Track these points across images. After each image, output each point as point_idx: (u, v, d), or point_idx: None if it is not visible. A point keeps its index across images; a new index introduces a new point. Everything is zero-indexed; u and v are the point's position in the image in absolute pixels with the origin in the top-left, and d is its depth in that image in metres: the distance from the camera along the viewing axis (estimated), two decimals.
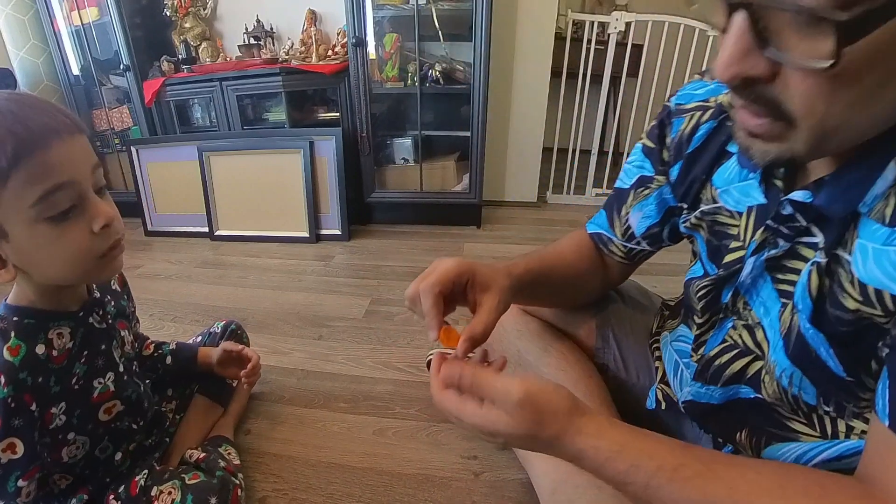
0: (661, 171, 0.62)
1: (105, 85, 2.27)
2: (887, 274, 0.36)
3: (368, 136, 2.03)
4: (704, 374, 0.57)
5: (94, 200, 0.56)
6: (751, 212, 0.50)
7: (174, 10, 2.14)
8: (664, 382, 0.66)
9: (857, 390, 0.44)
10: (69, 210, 0.54)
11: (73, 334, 0.64)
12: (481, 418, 0.44)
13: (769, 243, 0.47)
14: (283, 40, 2.21)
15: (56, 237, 0.54)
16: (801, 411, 0.49)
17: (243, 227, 2.08)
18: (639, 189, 0.65)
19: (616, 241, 0.69)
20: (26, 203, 0.51)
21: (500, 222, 2.24)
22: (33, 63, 2.14)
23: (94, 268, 0.59)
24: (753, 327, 0.52)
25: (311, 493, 0.85)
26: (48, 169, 0.51)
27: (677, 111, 0.59)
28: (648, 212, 0.65)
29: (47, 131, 0.51)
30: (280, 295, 1.59)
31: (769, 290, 0.48)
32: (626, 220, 0.67)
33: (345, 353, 1.25)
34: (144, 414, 0.78)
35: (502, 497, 0.84)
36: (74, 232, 0.55)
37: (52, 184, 0.51)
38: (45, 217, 0.52)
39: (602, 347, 0.75)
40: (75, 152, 0.54)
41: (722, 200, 0.54)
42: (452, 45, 2.07)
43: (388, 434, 0.98)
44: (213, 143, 2.04)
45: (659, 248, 0.69)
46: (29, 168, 0.50)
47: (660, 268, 1.77)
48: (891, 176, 0.36)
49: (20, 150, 0.49)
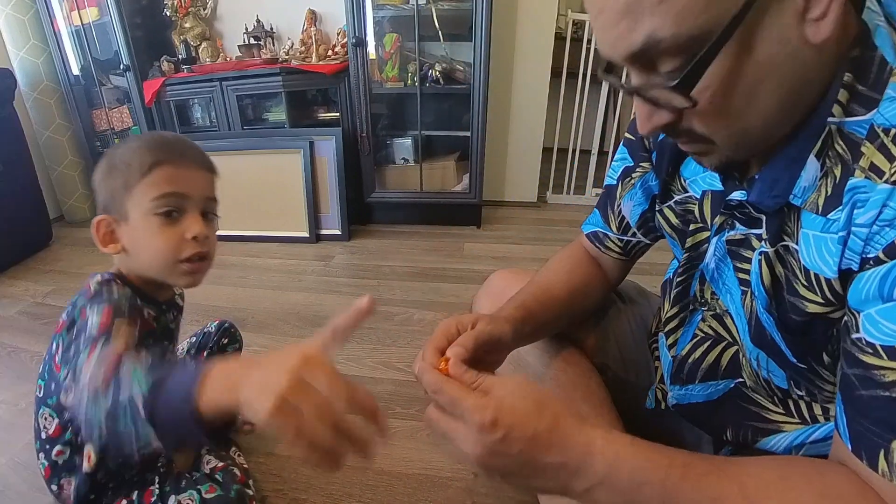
0: (643, 157, 0.63)
1: (105, 85, 2.27)
2: (823, 260, 0.38)
3: (368, 136, 2.03)
4: (680, 375, 0.57)
5: (197, 217, 0.68)
6: (706, 195, 0.53)
7: (174, 10, 2.14)
8: (663, 382, 0.66)
9: (813, 378, 0.45)
10: (173, 213, 0.66)
11: (156, 319, 0.74)
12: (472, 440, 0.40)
13: (728, 224, 0.49)
14: (283, 40, 2.21)
15: (158, 231, 0.66)
16: (776, 397, 0.50)
17: (243, 227, 2.08)
18: (625, 180, 0.66)
19: (612, 237, 0.69)
20: (150, 196, 0.65)
21: (500, 222, 2.24)
22: (33, 63, 2.13)
23: (176, 270, 0.68)
24: (722, 315, 0.53)
25: (311, 493, 0.85)
26: (174, 178, 0.66)
27: None
28: (638, 199, 0.65)
29: (187, 157, 0.68)
30: (280, 295, 1.59)
31: (732, 277, 0.50)
32: (620, 211, 0.67)
33: (345, 353, 1.25)
34: None
35: (502, 497, 0.84)
36: (172, 232, 0.66)
37: (171, 189, 0.65)
38: (157, 212, 0.65)
39: (602, 347, 0.75)
40: (199, 179, 0.69)
41: (692, 190, 0.56)
42: (452, 45, 2.07)
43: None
44: (212, 143, 2.04)
45: (654, 240, 0.69)
46: (161, 173, 0.65)
47: (660, 268, 1.76)
48: (812, 168, 0.39)
49: (163, 158, 0.65)
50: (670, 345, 0.60)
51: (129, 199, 0.65)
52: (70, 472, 0.70)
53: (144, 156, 0.65)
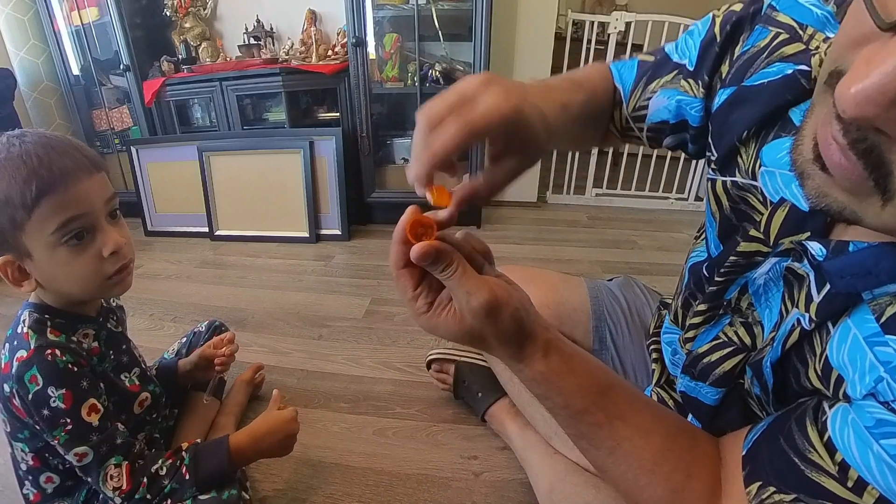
0: (706, 83, 0.50)
1: (105, 85, 2.27)
2: (856, 370, 0.32)
3: (368, 136, 2.03)
4: (692, 370, 0.55)
5: (106, 229, 0.64)
6: (783, 205, 0.41)
7: (174, 10, 2.14)
8: (659, 385, 0.66)
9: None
10: (83, 237, 0.62)
11: (97, 336, 0.71)
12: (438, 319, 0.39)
13: (795, 252, 0.40)
14: (283, 40, 2.21)
15: (71, 260, 0.62)
16: (765, 412, 0.48)
17: (243, 227, 2.08)
18: (679, 74, 0.53)
19: (623, 110, 0.59)
20: (47, 231, 0.59)
21: (500, 222, 2.24)
22: (33, 63, 2.14)
23: (105, 287, 0.66)
24: (753, 325, 0.48)
25: (311, 493, 0.85)
26: (66, 204, 0.59)
27: (767, 17, 0.45)
28: (671, 105, 0.54)
29: (67, 173, 0.59)
30: (280, 295, 1.59)
31: (777, 300, 0.43)
32: (649, 98, 0.56)
33: (345, 353, 1.26)
34: (162, 409, 0.83)
35: (502, 497, 0.84)
36: (87, 256, 0.63)
37: (68, 216, 0.60)
38: (62, 242, 0.60)
39: (599, 349, 0.75)
40: (91, 189, 0.62)
41: (762, 181, 0.44)
42: (452, 45, 2.07)
43: (388, 434, 0.98)
44: (213, 143, 2.04)
45: (653, 148, 0.61)
46: (50, 203, 0.58)
47: (659, 268, 1.77)
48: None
49: (43, 189, 0.58)
50: (688, 338, 0.55)
51: (23, 236, 0.59)
52: (64, 496, 0.70)
53: (23, 189, 0.57)
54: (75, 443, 0.62)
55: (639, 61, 0.58)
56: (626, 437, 0.42)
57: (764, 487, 0.36)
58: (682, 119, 0.54)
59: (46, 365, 0.61)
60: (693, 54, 0.52)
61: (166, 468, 0.67)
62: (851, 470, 0.31)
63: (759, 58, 0.45)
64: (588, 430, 0.42)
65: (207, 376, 0.93)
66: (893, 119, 0.23)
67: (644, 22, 2.14)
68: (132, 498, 0.63)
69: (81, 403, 0.62)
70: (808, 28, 0.42)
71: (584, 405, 0.42)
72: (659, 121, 0.56)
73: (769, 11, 0.45)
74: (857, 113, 0.23)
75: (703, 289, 0.52)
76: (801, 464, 0.34)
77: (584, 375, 0.42)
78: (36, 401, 0.60)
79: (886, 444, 0.29)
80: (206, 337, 1.02)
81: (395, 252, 0.39)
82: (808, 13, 0.42)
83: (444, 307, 0.40)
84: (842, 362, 0.34)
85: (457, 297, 0.38)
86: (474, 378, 0.98)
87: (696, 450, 0.43)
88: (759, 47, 0.45)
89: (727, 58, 0.49)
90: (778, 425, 0.38)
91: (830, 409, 0.34)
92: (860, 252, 0.33)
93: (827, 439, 0.33)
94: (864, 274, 0.32)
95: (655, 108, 0.55)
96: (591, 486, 0.63)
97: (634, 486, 0.42)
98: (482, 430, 0.98)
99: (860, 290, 0.33)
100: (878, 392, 0.30)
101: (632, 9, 2.34)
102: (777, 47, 0.43)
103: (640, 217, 2.36)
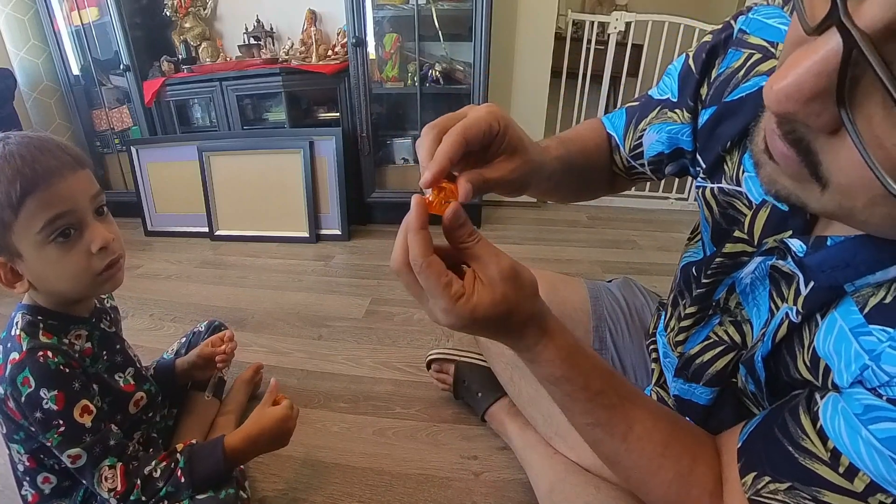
0: (690, 107, 0.54)
1: (105, 85, 2.27)
2: (841, 359, 0.34)
3: (368, 136, 2.03)
4: (685, 372, 0.56)
5: (93, 225, 0.64)
6: (765, 206, 0.43)
7: (174, 10, 2.14)
8: (659, 385, 0.66)
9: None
10: (70, 234, 0.62)
11: (89, 337, 0.71)
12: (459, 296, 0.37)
13: (778, 253, 0.42)
14: (283, 40, 2.21)
15: (61, 257, 0.62)
16: (760, 407, 0.49)
17: (243, 227, 2.08)
18: (663, 109, 0.57)
19: (622, 153, 0.64)
20: (34, 230, 0.60)
21: (500, 222, 2.24)
22: (33, 63, 2.14)
23: (96, 283, 0.66)
24: (742, 323, 0.49)
25: (311, 493, 0.85)
26: (51, 201, 0.60)
27: (738, 40, 0.48)
28: (662, 137, 0.58)
29: (50, 171, 0.60)
30: (280, 295, 1.59)
31: (764, 299, 0.45)
32: (640, 136, 0.60)
33: (345, 353, 1.26)
34: (158, 408, 0.82)
35: (502, 497, 0.84)
36: (75, 253, 0.63)
37: (54, 213, 0.60)
38: (50, 240, 0.61)
39: (599, 349, 0.75)
40: (76, 186, 0.62)
41: (745, 186, 0.46)
42: (452, 45, 2.07)
43: (388, 434, 0.98)
44: (213, 143, 2.05)
45: (661, 178, 0.65)
46: (35, 202, 0.59)
47: (659, 268, 1.77)
48: (893, 274, 0.32)
49: (27, 189, 0.58)
50: (679, 341, 0.57)
51: (11, 237, 0.60)
52: (62, 496, 0.70)
53: (8, 189, 0.57)
54: (68, 444, 0.62)
55: (626, 108, 0.64)
56: (638, 418, 0.43)
57: (759, 477, 0.37)
58: (676, 147, 0.57)
59: (38, 367, 0.61)
60: (674, 87, 0.56)
61: (160, 470, 0.67)
62: (843, 457, 0.32)
63: (734, 77, 0.48)
64: (604, 415, 0.43)
65: (206, 375, 0.93)
66: (813, 113, 0.25)
67: (644, 22, 2.14)
68: (127, 499, 0.64)
69: (74, 404, 0.62)
70: (778, 45, 0.45)
71: (602, 386, 0.43)
72: (655, 154, 0.60)
73: (740, 35, 0.49)
74: (778, 109, 0.26)
75: (692, 289, 0.54)
76: (794, 452, 0.35)
77: (594, 356, 0.44)
78: (29, 403, 0.60)
79: (874, 429, 0.30)
80: (205, 337, 1.01)
81: (419, 240, 0.36)
82: (776, 32, 0.46)
83: (472, 286, 0.38)
84: (828, 352, 0.35)
85: (483, 262, 0.38)
86: (474, 378, 0.98)
87: (699, 435, 0.44)
88: (734, 68, 0.48)
89: (706, 81, 0.52)
90: (772, 417, 0.39)
91: (822, 399, 0.35)
92: (838, 245, 0.35)
93: (819, 427, 0.34)
94: (844, 266, 0.34)
95: (649, 143, 0.59)
96: (591, 486, 0.63)
97: (647, 471, 0.43)
98: (482, 430, 0.98)
99: (841, 283, 0.34)
100: (864, 379, 0.32)
101: (632, 9, 2.35)
102: (752, 66, 0.47)
103: (640, 217, 2.36)
